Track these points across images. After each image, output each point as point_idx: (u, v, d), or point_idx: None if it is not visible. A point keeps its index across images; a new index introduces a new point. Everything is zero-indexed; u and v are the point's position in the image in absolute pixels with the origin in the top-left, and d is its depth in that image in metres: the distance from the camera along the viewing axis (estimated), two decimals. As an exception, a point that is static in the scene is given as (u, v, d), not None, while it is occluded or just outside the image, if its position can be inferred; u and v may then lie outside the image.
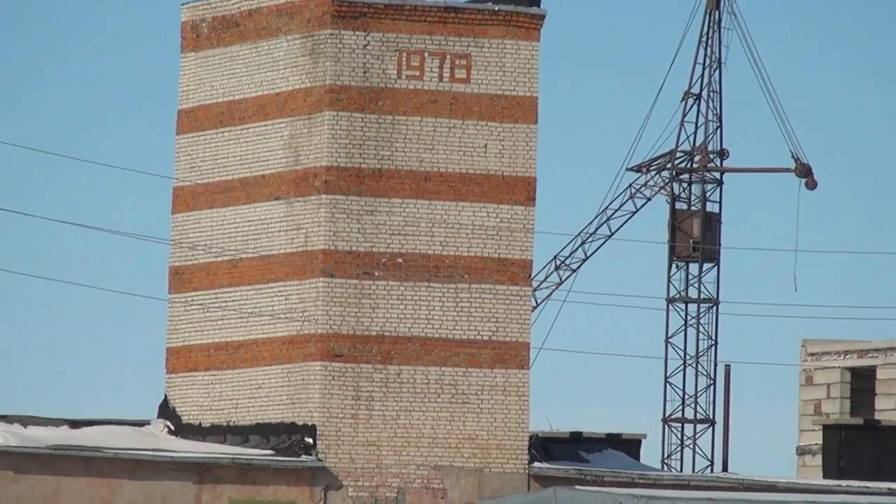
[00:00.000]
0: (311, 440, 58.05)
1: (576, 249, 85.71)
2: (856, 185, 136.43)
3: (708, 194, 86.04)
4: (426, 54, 59.43)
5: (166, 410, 60.13)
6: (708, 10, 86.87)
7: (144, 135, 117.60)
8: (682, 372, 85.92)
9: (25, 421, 59.29)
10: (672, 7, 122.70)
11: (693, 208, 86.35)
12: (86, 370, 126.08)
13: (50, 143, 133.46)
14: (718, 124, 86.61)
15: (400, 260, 59.06)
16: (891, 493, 54.38)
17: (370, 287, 59.39)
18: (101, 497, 57.78)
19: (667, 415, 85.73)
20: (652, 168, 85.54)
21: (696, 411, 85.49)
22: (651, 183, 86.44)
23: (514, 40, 60.36)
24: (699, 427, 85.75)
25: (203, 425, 60.17)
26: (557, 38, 64.32)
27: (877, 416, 75.43)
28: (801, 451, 77.70)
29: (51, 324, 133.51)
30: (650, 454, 69.24)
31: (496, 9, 60.21)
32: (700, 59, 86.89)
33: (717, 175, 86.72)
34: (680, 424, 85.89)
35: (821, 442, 71.63)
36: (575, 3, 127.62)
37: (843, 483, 58.39)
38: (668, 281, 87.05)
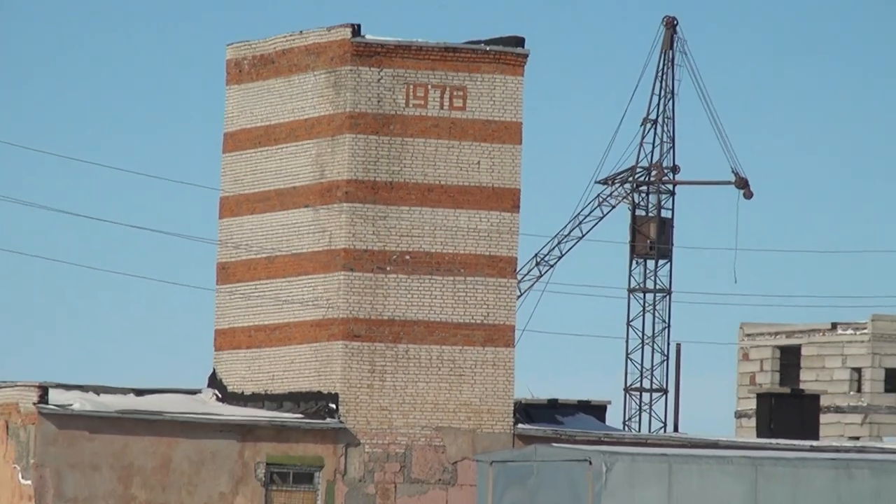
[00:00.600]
0: (334, 406, 57.53)
1: (553, 248, 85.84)
2: (785, 194, 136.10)
3: (662, 203, 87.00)
4: (429, 86, 58.60)
5: (214, 381, 59.81)
6: (663, 50, 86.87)
7: (197, 154, 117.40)
8: (640, 350, 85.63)
9: (98, 390, 58.70)
10: (633, 47, 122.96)
11: (650, 214, 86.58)
12: (149, 348, 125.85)
13: (127, 162, 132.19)
14: (671, 145, 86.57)
15: (407, 257, 58.62)
16: (812, 449, 54.20)
17: (383, 280, 59.04)
18: (161, 453, 57.26)
19: (628, 385, 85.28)
20: (616, 181, 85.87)
21: (651, 382, 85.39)
22: (615, 193, 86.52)
23: (502, 75, 59.47)
24: (654, 395, 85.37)
25: (245, 394, 59.68)
26: (539, 71, 64.90)
27: (801, 386, 75.25)
28: (739, 415, 77.69)
29: (123, 311, 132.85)
30: (614, 418, 69.22)
31: (487, 49, 59.42)
32: (656, 91, 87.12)
33: (671, 187, 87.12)
34: (638, 393, 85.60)
35: (755, 407, 71.63)
36: (555, 43, 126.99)
37: (773, 441, 58.31)
38: (630, 275, 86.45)
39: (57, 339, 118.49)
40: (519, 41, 59.89)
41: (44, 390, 55.76)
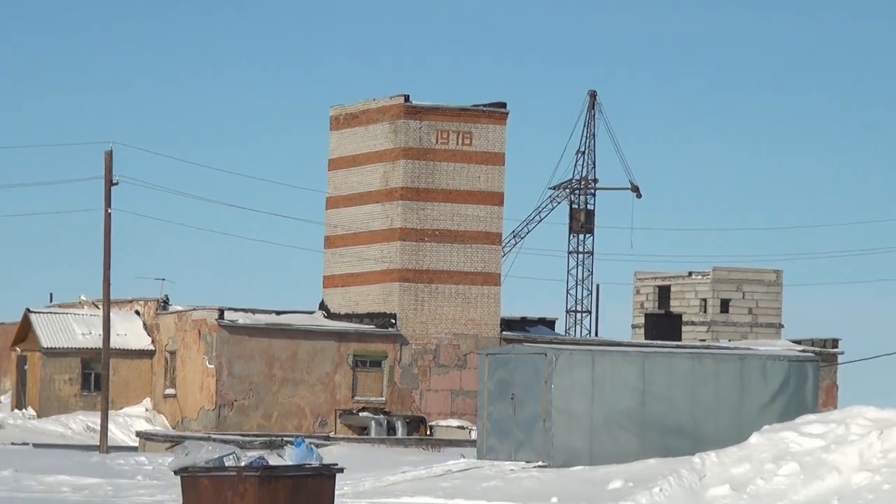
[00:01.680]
0: (393, 321, 58.64)
1: (523, 227, 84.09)
2: (662, 195, 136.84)
3: (588, 200, 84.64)
4: (450, 131, 59.67)
5: (323, 306, 60.74)
6: (588, 109, 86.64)
7: (314, 171, 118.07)
8: (575, 288, 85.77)
9: (254, 311, 59.56)
10: (572, 108, 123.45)
11: (581, 207, 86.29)
12: (286, 285, 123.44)
13: (279, 178, 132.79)
14: (593, 166, 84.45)
15: (437, 232, 59.63)
16: (677, 346, 53.87)
17: (422, 246, 59.76)
18: (290, 348, 57.92)
19: (568, 308, 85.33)
20: (561, 187, 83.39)
21: (581, 307, 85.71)
22: (560, 195, 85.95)
23: (493, 124, 60.68)
24: (583, 315, 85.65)
25: (340, 313, 60.56)
26: (516, 121, 67.14)
27: (671, 310, 76.16)
28: (634, 327, 77.80)
29: (272, 265, 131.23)
30: (560, 328, 69.94)
31: (484, 109, 60.75)
32: (584, 134, 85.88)
33: (593, 191, 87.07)
34: (574, 313, 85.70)
35: (643, 322, 72.92)
36: (526, 103, 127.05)
37: (654, 342, 59.23)
38: (568, 241, 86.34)
39: (230, 278, 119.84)
40: (503, 104, 61.59)
41: (221, 311, 57.16)
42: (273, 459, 13.15)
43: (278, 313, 58.67)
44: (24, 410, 57.48)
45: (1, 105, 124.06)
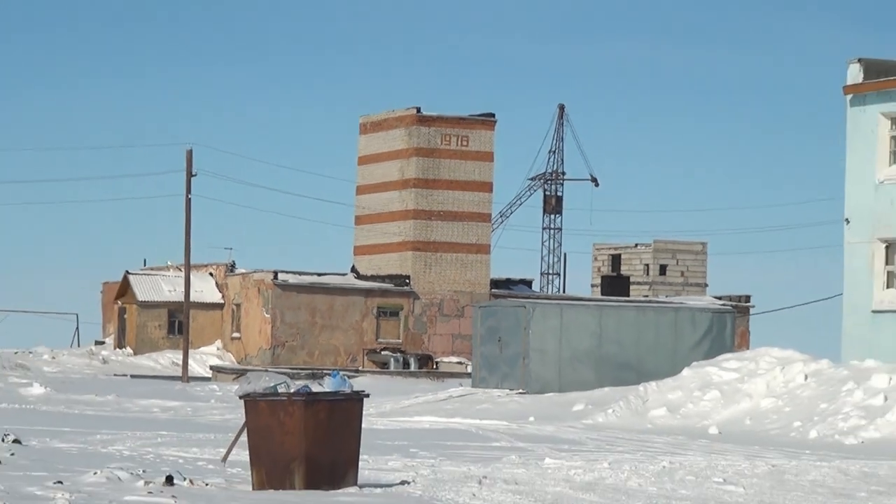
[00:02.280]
0: (408, 280, 57.25)
1: (507, 209, 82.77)
2: (615, 185, 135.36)
3: (557, 189, 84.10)
4: (451, 135, 58.52)
5: (354, 269, 59.18)
6: (558, 118, 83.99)
7: (345, 165, 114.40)
8: (548, 256, 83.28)
9: (300, 273, 58.11)
10: (545, 117, 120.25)
11: (552, 194, 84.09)
12: (323, 254, 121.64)
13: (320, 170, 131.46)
14: (562, 162, 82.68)
15: (441, 213, 58.36)
16: (627, 301, 53.64)
17: (430, 224, 58.33)
18: (329, 302, 56.25)
19: (542, 271, 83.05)
20: (537, 178, 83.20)
21: (552, 270, 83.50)
22: (536, 184, 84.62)
23: (485, 130, 59.47)
24: (554, 276, 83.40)
25: (367, 275, 58.74)
26: (502, 127, 65.34)
27: (622, 273, 73.38)
28: (592, 286, 75.15)
29: (315, 237, 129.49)
30: (535, 287, 69.13)
31: (477, 117, 59.32)
32: (554, 138, 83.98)
33: (562, 181, 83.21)
34: (547, 276, 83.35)
35: (600, 282, 71.60)
36: (512, 112, 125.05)
37: (609, 297, 58.26)
38: (542, 220, 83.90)
39: (283, 247, 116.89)
40: (492, 115, 60.21)
41: (275, 273, 55.89)
42: (315, 387, 12.93)
43: (319, 275, 57.84)
44: (123, 349, 57.48)
45: (112, 112, 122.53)
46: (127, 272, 59.37)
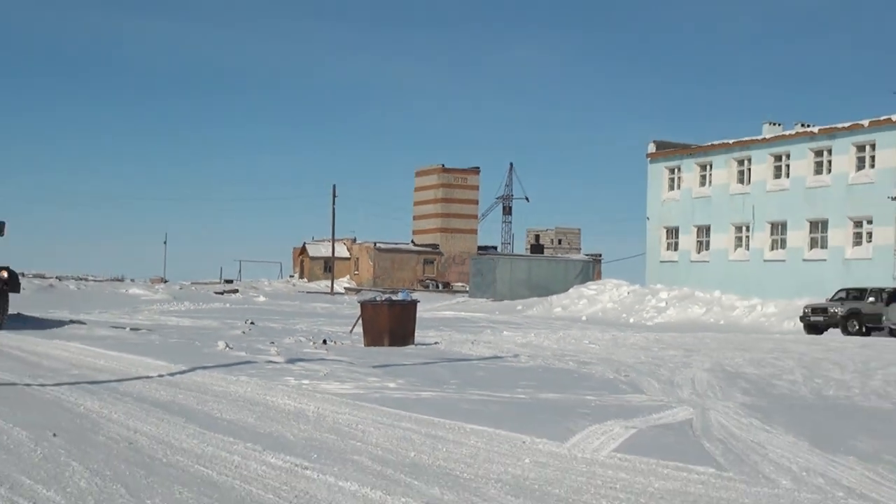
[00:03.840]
0: (438, 247, 53.07)
1: (486, 211, 72.64)
2: (538, 201, 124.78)
3: (511, 203, 73.04)
4: (458, 177, 54.91)
5: (413, 242, 54.27)
6: (509, 171, 74.66)
7: (409, 193, 62.56)
8: (506, 236, 73.01)
9: (386, 242, 52.90)
10: (501, 168, 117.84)
11: (507, 205, 73.44)
12: (400, 235, 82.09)
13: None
14: (511, 192, 75.52)
15: (453, 214, 53.23)
16: (543, 257, 42.63)
17: (450, 221, 52.25)
18: (401, 257, 54.10)
19: (502, 242, 70.93)
20: (499, 198, 75.74)
21: (507, 241, 71.03)
22: (499, 201, 75.12)
23: (474, 175, 56.76)
24: (507, 245, 70.96)
25: (419, 244, 54.32)
26: (485, 173, 64.07)
27: (541, 244, 63.11)
28: (526, 249, 61.63)
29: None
30: (499, 250, 58.52)
31: (470, 168, 56.59)
32: (508, 179, 75.12)
33: (511, 201, 73.46)
34: (504, 245, 70.20)
35: (531, 247, 60.12)
36: (487, 162, 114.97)
37: (535, 254, 46.91)
38: (502, 218, 75.38)
39: (378, 231, 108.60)
40: (477, 167, 58.28)
41: (375, 243, 54.31)
42: (393, 298, 12.99)
43: (396, 244, 56.72)
44: (303, 280, 57.66)
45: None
46: (304, 242, 60.79)
